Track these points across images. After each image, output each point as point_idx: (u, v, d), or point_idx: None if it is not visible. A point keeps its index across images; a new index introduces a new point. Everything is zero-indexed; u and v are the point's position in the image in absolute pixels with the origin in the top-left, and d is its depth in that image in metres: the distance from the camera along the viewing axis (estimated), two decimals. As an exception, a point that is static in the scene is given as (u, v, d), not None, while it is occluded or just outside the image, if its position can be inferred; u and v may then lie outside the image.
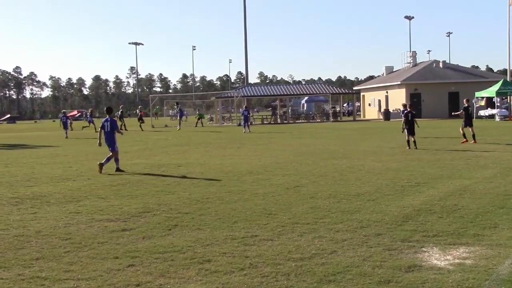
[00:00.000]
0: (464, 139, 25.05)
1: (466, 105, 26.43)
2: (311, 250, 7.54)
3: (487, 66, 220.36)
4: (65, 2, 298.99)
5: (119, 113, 50.73)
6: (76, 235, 8.74)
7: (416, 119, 24.11)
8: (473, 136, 24.99)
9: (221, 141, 31.94)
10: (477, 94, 55.39)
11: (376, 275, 6.42)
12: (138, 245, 8.02)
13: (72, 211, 10.79)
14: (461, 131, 25.69)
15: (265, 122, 66.37)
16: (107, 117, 17.85)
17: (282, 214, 9.98)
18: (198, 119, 59.99)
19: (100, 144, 17.63)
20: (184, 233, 8.77)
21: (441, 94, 62.42)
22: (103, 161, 17.13)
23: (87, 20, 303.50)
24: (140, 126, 51.27)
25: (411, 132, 23.30)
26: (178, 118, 56.14)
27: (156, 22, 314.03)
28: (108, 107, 18.67)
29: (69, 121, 43.70)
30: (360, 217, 9.59)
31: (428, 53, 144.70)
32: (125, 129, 46.72)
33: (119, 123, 49.86)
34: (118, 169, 17.04)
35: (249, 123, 43.81)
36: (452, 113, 30.32)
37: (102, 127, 17.67)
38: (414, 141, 22.99)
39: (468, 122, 25.75)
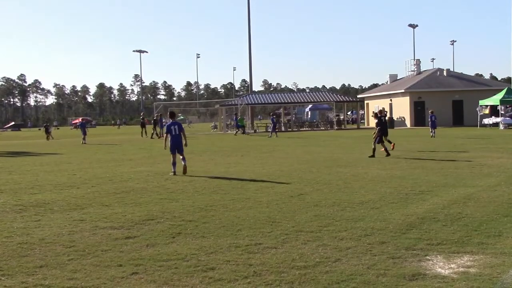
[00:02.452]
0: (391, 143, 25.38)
1: (380, 115, 25.37)
2: (315, 258, 7.52)
3: (491, 74, 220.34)
4: (69, 11, 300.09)
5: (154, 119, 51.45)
6: (80, 243, 8.74)
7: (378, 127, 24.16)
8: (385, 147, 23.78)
9: (225, 149, 31.95)
10: (481, 102, 55.35)
11: (380, 284, 6.40)
12: (142, 253, 8.01)
13: (76, 218, 10.79)
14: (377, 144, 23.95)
15: (268, 130, 66.32)
16: (171, 121, 18.52)
17: (286, 222, 9.97)
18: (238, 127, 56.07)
19: (166, 147, 18.17)
20: (187, 241, 8.76)
21: (445, 102, 62.39)
22: (184, 163, 17.82)
23: (92, 28, 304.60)
24: (145, 133, 51.67)
25: (381, 140, 23.65)
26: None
27: (160, 30, 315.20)
28: (172, 112, 19.33)
29: (86, 127, 44.91)
30: (364, 225, 9.57)
31: (432, 61, 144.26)
32: (158, 136, 47.19)
33: (151, 130, 50.19)
34: (185, 168, 17.76)
35: (276, 130, 47.00)
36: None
37: (169, 131, 18.08)
38: (385, 149, 23.25)
39: (384, 133, 24.54)
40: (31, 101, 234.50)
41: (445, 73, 68.37)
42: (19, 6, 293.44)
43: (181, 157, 17.93)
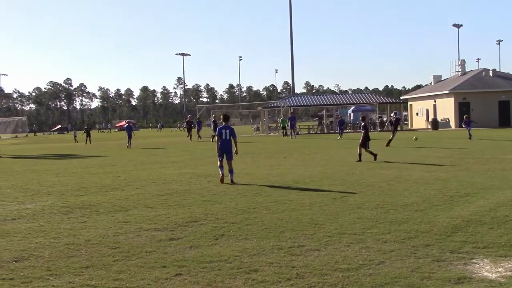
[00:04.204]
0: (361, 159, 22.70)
1: (363, 123, 24.25)
2: (358, 260, 7.47)
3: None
4: (112, 16, 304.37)
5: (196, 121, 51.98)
6: (125, 244, 8.85)
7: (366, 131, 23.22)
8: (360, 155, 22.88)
9: (268, 151, 31.96)
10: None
11: (425, 287, 6.32)
12: (185, 255, 8.08)
13: (120, 220, 10.94)
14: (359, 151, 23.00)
15: (311, 132, 66.24)
16: (224, 124, 17.22)
17: (329, 224, 9.93)
18: (282, 128, 55.87)
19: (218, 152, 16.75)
20: (230, 242, 8.79)
21: (491, 103, 61.31)
22: (231, 178, 16.34)
23: (135, 32, 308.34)
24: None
25: (365, 144, 22.85)
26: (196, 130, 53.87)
27: (203, 32, 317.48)
28: (225, 115, 18.20)
29: (132, 131, 43.35)
30: (408, 227, 9.47)
31: (478, 61, 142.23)
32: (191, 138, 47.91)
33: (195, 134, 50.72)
34: (232, 181, 16.24)
35: (342, 131, 47.18)
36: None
37: (220, 134, 16.82)
38: (360, 154, 22.65)
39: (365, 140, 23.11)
40: (77, 105, 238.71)
41: (491, 73, 67.11)
42: (65, 13, 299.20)
43: (228, 167, 16.46)
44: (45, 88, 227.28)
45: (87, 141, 53.53)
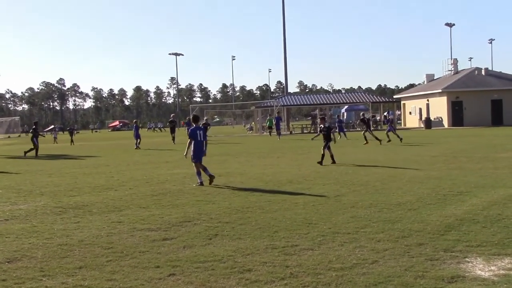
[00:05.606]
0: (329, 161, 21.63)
1: (322, 126, 23.35)
2: (352, 260, 7.48)
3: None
4: (105, 15, 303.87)
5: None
6: (118, 244, 8.84)
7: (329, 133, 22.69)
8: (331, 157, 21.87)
9: (261, 150, 31.97)
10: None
11: (419, 286, 6.33)
12: (179, 254, 8.07)
13: (114, 220, 10.92)
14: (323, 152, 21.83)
15: (305, 131, 66.30)
16: (195, 125, 16.63)
17: (323, 224, 9.93)
18: (269, 127, 54.50)
19: (187, 155, 16.41)
20: (224, 242, 8.79)
21: (483, 102, 61.50)
22: (208, 174, 15.86)
23: (128, 32, 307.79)
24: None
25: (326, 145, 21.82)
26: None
27: (195, 32, 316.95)
28: (195, 115, 17.68)
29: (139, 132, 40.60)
30: (402, 226, 9.48)
31: (470, 60, 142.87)
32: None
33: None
34: (202, 183, 15.83)
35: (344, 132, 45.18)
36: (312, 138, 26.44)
37: (195, 136, 16.19)
38: (323, 155, 21.44)
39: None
40: (70, 105, 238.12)
41: (483, 72, 67.31)
42: (58, 13, 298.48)
43: (202, 167, 16.06)
44: (38, 88, 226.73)
45: (71, 142, 51.87)
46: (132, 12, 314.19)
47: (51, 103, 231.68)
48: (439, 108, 63.84)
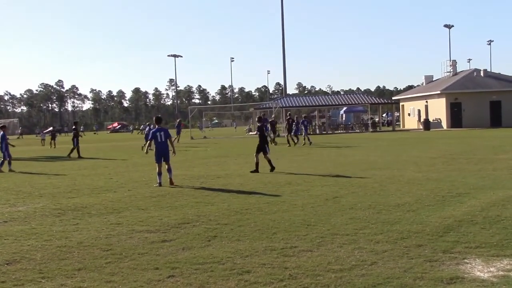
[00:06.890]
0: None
1: (259, 124, 21.58)
2: (351, 261, 7.48)
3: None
4: (104, 17, 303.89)
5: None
6: (117, 246, 8.84)
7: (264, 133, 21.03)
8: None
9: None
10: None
11: (418, 287, 6.34)
12: (178, 256, 8.07)
13: (113, 222, 10.92)
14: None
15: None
16: (157, 127, 17.02)
17: (322, 225, 9.94)
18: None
19: (147, 152, 18.34)
20: (223, 244, 8.79)
21: (482, 103, 61.50)
22: (170, 176, 16.48)
23: (127, 34, 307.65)
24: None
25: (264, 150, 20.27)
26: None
27: (194, 34, 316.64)
28: (158, 117, 17.90)
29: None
30: (401, 228, 9.49)
31: (469, 61, 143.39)
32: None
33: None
34: (171, 181, 16.43)
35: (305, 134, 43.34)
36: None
37: (155, 137, 16.73)
38: (269, 161, 20.07)
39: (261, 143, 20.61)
40: (69, 107, 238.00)
41: (482, 74, 67.29)
42: (56, 14, 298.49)
43: (166, 167, 16.65)
44: (36, 90, 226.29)
45: (51, 145, 49.53)
46: (131, 14, 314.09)
47: (50, 105, 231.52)
48: (438, 109, 63.85)
